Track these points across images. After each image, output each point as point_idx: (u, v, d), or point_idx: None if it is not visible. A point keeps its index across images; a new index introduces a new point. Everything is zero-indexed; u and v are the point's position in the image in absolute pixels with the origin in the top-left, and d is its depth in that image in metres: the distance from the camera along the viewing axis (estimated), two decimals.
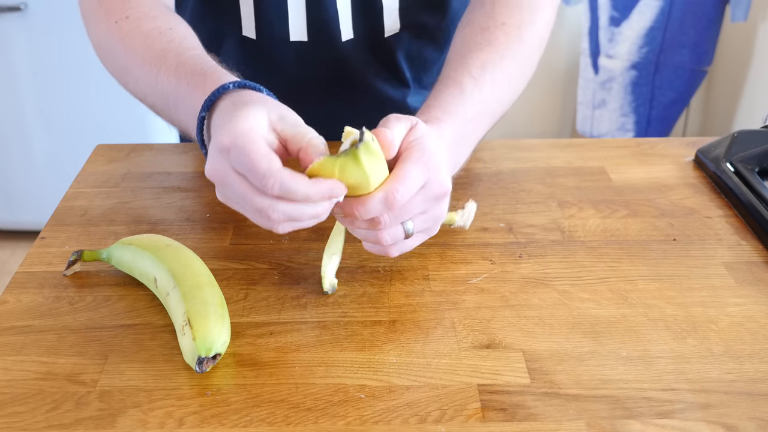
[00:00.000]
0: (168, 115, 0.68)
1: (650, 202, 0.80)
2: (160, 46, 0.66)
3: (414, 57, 0.90)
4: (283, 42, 0.85)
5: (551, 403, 0.54)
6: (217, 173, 0.55)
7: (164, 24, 0.69)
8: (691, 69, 2.16)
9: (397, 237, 0.59)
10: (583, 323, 0.62)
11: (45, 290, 0.66)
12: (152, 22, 0.69)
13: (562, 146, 0.92)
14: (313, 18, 0.83)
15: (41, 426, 0.52)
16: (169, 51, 0.66)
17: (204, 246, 0.72)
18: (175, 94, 0.64)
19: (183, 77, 0.63)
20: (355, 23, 0.84)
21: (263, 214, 0.54)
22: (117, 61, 0.72)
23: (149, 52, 0.67)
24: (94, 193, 0.81)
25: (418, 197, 0.58)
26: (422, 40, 0.90)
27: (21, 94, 1.98)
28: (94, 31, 0.75)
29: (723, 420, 0.53)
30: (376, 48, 0.87)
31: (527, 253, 0.71)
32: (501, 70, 0.71)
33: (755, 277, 0.68)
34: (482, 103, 0.69)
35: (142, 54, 0.67)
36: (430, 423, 0.52)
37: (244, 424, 0.52)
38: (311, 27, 0.84)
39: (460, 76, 0.69)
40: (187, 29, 0.71)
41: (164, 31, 0.68)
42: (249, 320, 0.62)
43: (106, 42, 0.73)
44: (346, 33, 0.85)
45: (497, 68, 0.71)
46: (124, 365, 0.58)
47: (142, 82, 0.68)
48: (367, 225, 0.58)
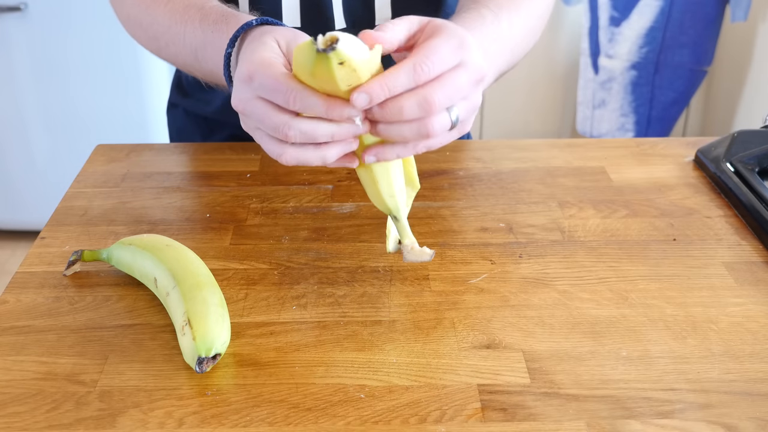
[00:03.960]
0: (198, 68, 0.72)
1: (650, 202, 0.80)
2: (182, 6, 0.72)
3: None
4: None
5: (551, 403, 0.54)
6: (241, 101, 0.57)
7: None
8: (691, 69, 2.16)
9: (444, 126, 0.56)
10: (583, 323, 0.62)
11: (45, 290, 0.66)
12: None
13: (562, 146, 0.92)
14: (307, 3, 0.83)
15: (41, 426, 0.52)
16: (190, 8, 0.71)
17: (204, 246, 0.72)
18: (203, 44, 0.68)
19: (207, 27, 0.68)
20: (346, 9, 0.84)
21: (280, 131, 0.54)
22: (145, 32, 0.77)
23: (173, 16, 0.72)
24: (94, 193, 0.81)
25: (459, 76, 0.54)
26: None
27: (21, 94, 1.98)
28: (120, 9, 0.80)
29: (723, 420, 0.53)
30: None
31: (527, 253, 0.71)
32: (516, 13, 0.72)
33: (755, 277, 0.68)
34: (500, 33, 0.69)
35: (168, 19, 0.73)
36: (430, 423, 0.52)
37: (244, 424, 0.52)
38: (304, 13, 0.84)
39: (480, 7, 0.70)
40: None
41: None
42: (249, 320, 0.63)
43: (133, 16, 0.78)
44: (339, 22, 0.85)
45: (513, 11, 0.71)
46: (124, 365, 0.58)
47: (171, 43, 0.73)
48: (416, 112, 0.53)
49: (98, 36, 1.90)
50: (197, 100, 0.97)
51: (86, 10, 1.87)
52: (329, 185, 0.82)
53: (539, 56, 2.39)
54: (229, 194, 0.81)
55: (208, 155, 0.89)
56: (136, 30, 0.79)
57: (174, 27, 0.72)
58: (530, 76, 2.42)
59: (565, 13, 2.35)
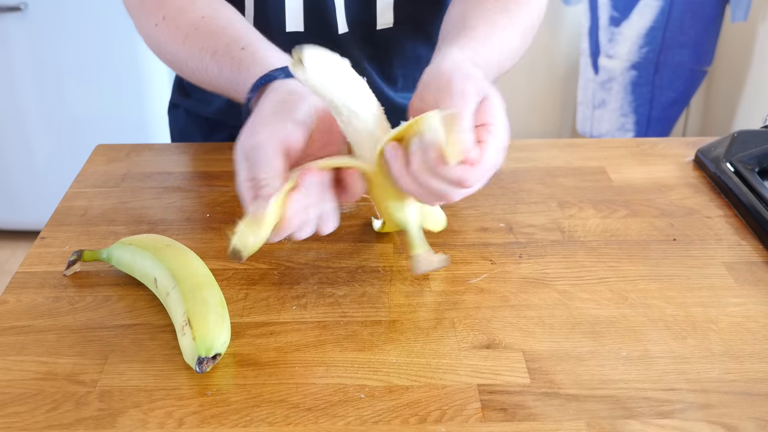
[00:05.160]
0: (226, 94, 0.73)
1: (650, 202, 0.80)
2: (199, 44, 0.71)
3: (408, 54, 0.90)
4: (279, 33, 0.85)
5: (551, 403, 0.54)
6: (236, 160, 0.60)
7: (197, 15, 0.73)
8: (691, 69, 2.16)
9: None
10: (583, 323, 0.62)
11: (45, 290, 0.66)
12: (186, 17, 0.74)
13: (562, 146, 0.92)
14: (310, 6, 0.83)
15: (41, 426, 0.52)
16: (207, 46, 0.71)
17: (204, 246, 0.72)
18: (225, 84, 0.70)
19: (225, 67, 0.69)
20: (348, 14, 0.84)
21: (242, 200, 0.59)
22: (165, 56, 0.78)
23: (191, 51, 0.72)
24: (94, 193, 0.81)
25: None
26: (416, 37, 0.89)
27: (21, 94, 1.98)
28: (139, 28, 0.80)
29: (723, 420, 0.53)
30: (370, 42, 0.87)
31: (527, 253, 0.71)
32: (511, 31, 0.73)
33: (755, 277, 0.68)
34: (491, 58, 0.70)
35: (186, 54, 0.73)
36: (430, 423, 0.52)
37: (244, 424, 0.52)
38: (308, 17, 0.84)
39: (473, 28, 0.70)
40: (220, 9, 0.74)
41: (199, 26, 0.72)
42: (249, 320, 0.62)
43: (152, 42, 0.78)
44: (342, 25, 0.85)
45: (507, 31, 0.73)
46: (124, 365, 0.58)
47: (192, 77, 0.75)
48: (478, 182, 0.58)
49: (98, 36, 1.91)
50: (198, 100, 0.97)
51: (86, 10, 1.87)
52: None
53: (539, 56, 2.39)
54: (229, 194, 0.81)
55: (209, 155, 0.89)
56: (156, 51, 0.79)
57: (192, 63, 0.73)
58: (530, 76, 2.42)
59: (565, 13, 2.35)
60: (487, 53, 0.68)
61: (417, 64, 0.92)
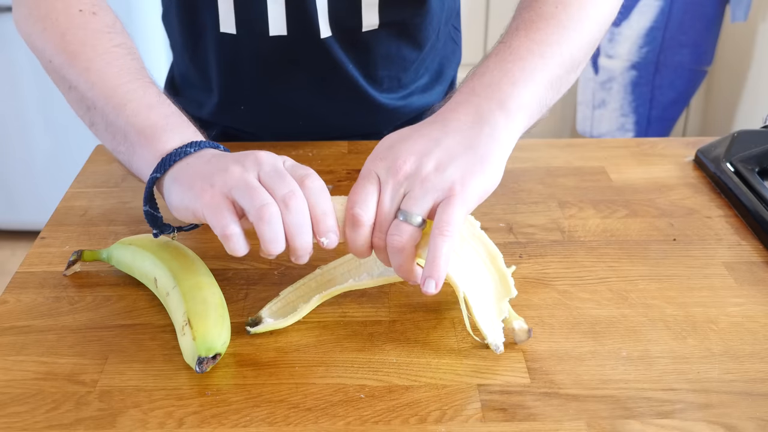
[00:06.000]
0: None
1: (650, 202, 0.80)
2: (89, 104, 0.69)
3: (392, 55, 0.90)
4: (262, 37, 0.85)
5: (551, 403, 0.54)
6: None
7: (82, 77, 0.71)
8: (691, 69, 2.16)
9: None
10: (583, 323, 0.62)
11: (45, 290, 0.66)
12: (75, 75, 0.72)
13: (562, 146, 0.92)
14: (293, 11, 0.83)
15: (41, 426, 0.52)
16: (97, 109, 0.68)
17: (204, 246, 0.72)
18: (122, 150, 0.65)
19: (119, 135, 0.65)
20: (333, 17, 0.84)
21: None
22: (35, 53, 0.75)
23: (80, 110, 0.72)
24: (94, 193, 0.81)
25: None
26: (401, 38, 0.89)
27: (21, 94, 1.98)
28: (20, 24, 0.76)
29: (723, 420, 0.53)
30: (354, 44, 0.87)
31: (527, 253, 0.71)
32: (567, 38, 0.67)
33: (755, 277, 0.68)
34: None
35: (76, 106, 0.73)
36: (430, 423, 0.52)
37: (244, 424, 0.52)
38: (291, 20, 0.83)
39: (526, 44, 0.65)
40: (111, 63, 0.70)
41: (84, 91, 0.70)
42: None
43: (28, 39, 0.76)
44: (324, 28, 0.84)
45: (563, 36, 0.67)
46: (124, 365, 0.58)
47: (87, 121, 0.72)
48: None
49: None
50: (188, 100, 0.97)
51: None
52: (329, 185, 0.82)
53: None
54: None
55: None
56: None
57: (85, 116, 0.71)
58: None
59: None
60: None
61: (401, 65, 0.91)
